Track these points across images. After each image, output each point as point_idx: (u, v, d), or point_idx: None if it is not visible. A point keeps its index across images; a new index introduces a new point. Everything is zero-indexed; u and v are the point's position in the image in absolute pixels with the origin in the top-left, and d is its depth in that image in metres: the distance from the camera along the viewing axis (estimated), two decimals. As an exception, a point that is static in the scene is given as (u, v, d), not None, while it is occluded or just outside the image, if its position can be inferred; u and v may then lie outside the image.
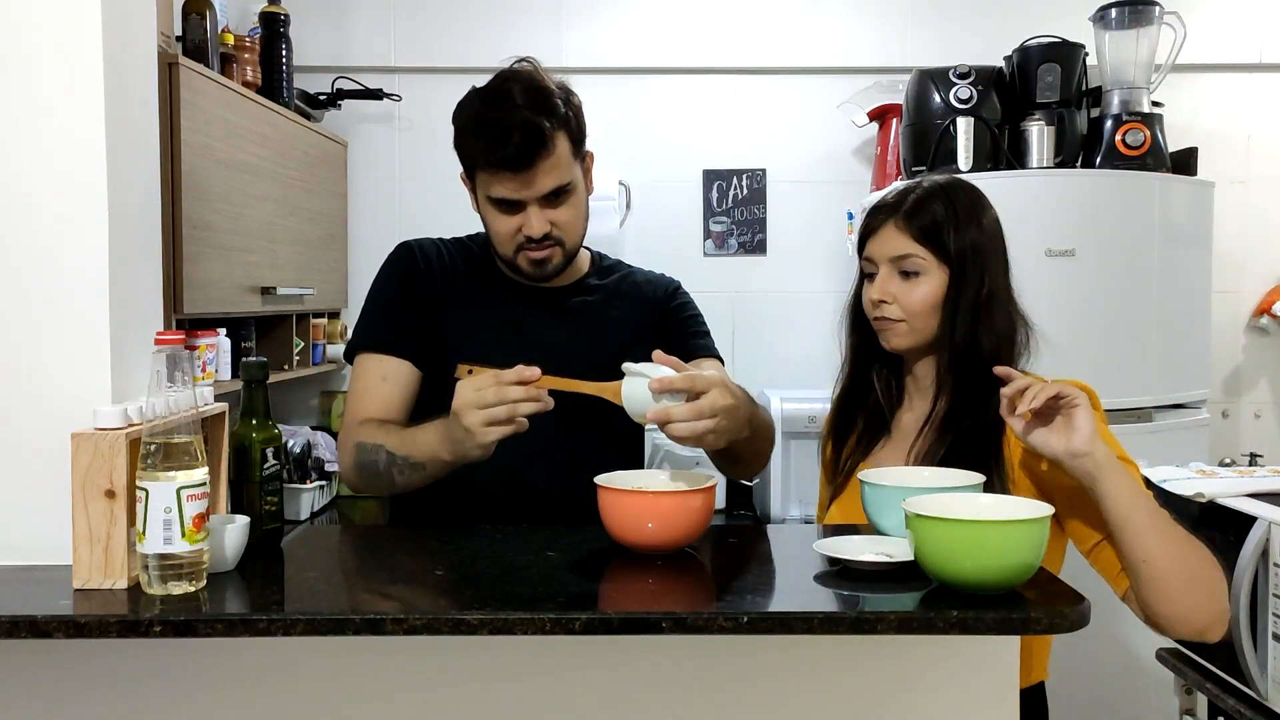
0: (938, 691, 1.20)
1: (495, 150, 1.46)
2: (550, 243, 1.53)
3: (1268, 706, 1.49)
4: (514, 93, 1.48)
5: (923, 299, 1.45)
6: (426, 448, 1.42)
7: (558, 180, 1.50)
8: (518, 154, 1.45)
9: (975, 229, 1.47)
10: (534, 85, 1.50)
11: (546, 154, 1.47)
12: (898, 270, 1.46)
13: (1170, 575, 1.24)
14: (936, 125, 2.70)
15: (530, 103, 1.47)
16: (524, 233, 1.51)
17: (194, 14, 2.25)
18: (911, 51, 3.13)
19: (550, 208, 1.51)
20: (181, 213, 2.06)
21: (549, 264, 1.56)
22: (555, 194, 1.51)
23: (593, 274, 1.69)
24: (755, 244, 3.21)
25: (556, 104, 1.50)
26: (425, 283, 1.61)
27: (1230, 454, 3.02)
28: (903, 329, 1.46)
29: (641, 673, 1.20)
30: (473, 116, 1.51)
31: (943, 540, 1.06)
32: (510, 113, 1.46)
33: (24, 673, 1.18)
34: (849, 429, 1.58)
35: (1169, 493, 1.68)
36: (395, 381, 1.56)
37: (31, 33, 1.22)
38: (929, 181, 1.51)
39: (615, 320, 1.65)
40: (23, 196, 1.22)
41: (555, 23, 3.18)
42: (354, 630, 1.03)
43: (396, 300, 1.61)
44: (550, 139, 1.47)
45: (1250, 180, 3.22)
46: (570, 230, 1.55)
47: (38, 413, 1.21)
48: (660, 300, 1.70)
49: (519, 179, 1.47)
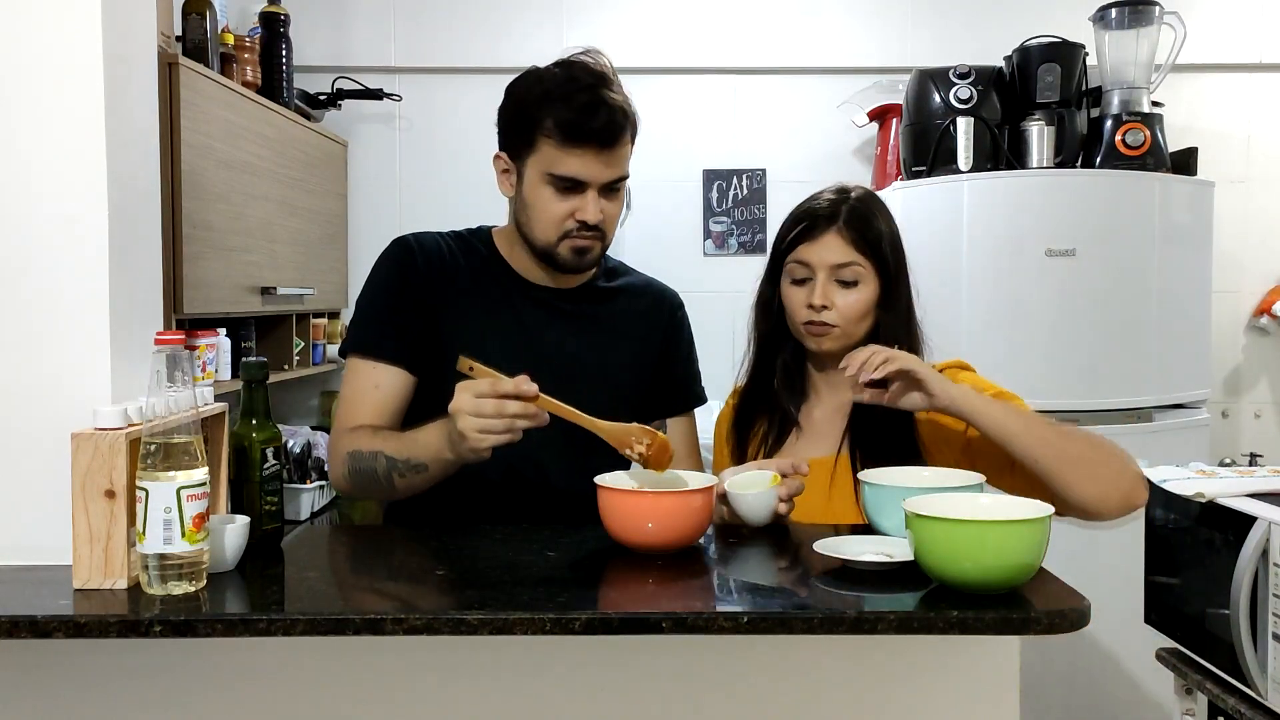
0: (938, 691, 1.20)
1: (587, 121, 1.44)
2: (597, 234, 1.51)
3: (1268, 706, 1.49)
4: (603, 74, 1.48)
5: (859, 306, 1.51)
6: (429, 448, 1.40)
7: (624, 170, 1.50)
8: (606, 129, 1.44)
9: (899, 241, 1.55)
10: (612, 73, 1.51)
11: (626, 139, 1.48)
12: (835, 278, 1.50)
13: (1063, 464, 1.35)
14: (936, 125, 2.70)
15: (617, 87, 1.49)
16: (578, 216, 1.47)
17: (194, 14, 2.25)
18: (911, 51, 3.13)
19: (605, 198, 1.50)
20: (181, 213, 2.06)
21: (589, 254, 1.52)
22: (615, 185, 1.50)
23: (600, 276, 1.66)
24: (755, 244, 3.22)
25: (628, 98, 1.51)
26: (424, 281, 1.57)
27: (1230, 454, 3.03)
28: (836, 334, 1.51)
29: (641, 673, 1.20)
30: (559, 84, 1.47)
31: (943, 540, 1.06)
32: (605, 88, 1.46)
33: (24, 673, 1.19)
34: (752, 421, 1.61)
35: (1169, 493, 1.68)
36: (387, 390, 1.52)
37: (31, 33, 1.22)
38: (855, 190, 1.57)
39: (621, 329, 1.63)
40: (23, 196, 1.22)
41: (555, 23, 3.18)
42: (354, 630, 1.03)
43: (393, 301, 1.56)
44: (632, 125, 1.49)
45: (1250, 180, 3.22)
46: (612, 227, 1.54)
47: (38, 413, 1.21)
48: (665, 316, 1.69)
49: (600, 156, 1.46)
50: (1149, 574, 1.79)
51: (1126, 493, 1.38)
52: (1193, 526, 1.65)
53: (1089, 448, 1.38)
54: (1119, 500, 1.38)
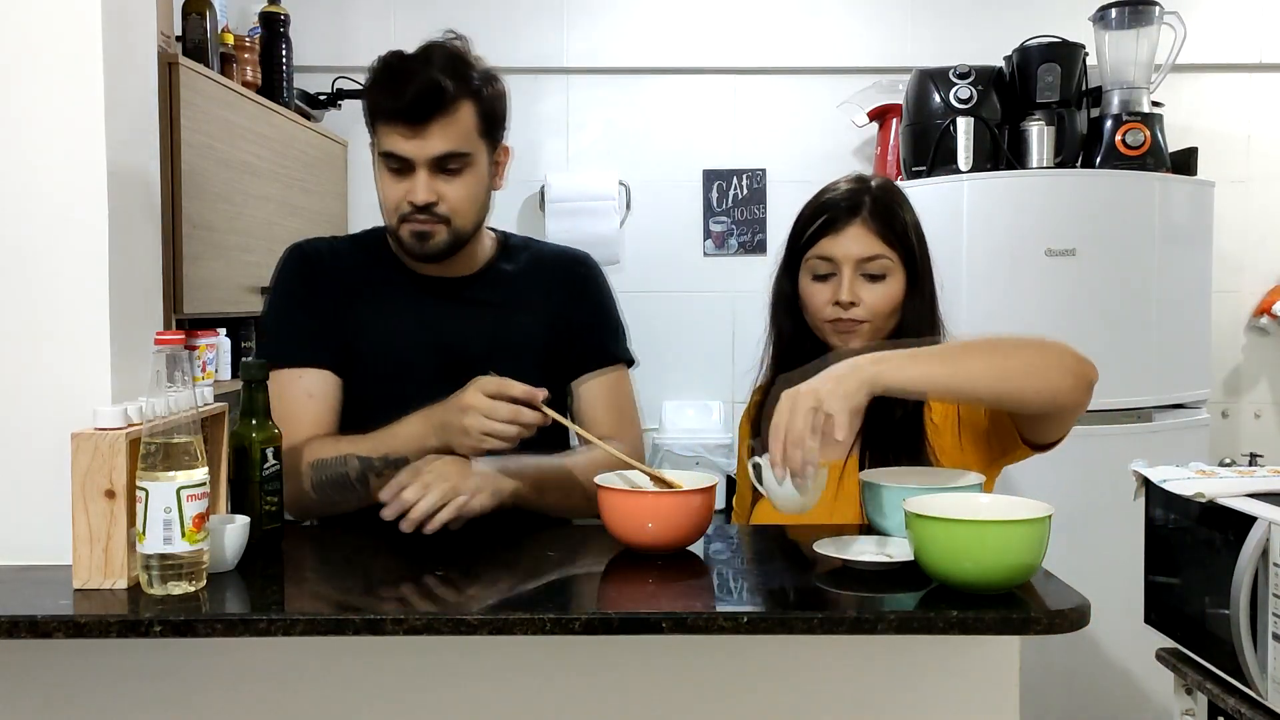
0: (938, 691, 1.20)
1: (393, 98, 1.41)
2: (435, 218, 1.46)
3: (1268, 706, 1.49)
4: (431, 53, 1.45)
5: (889, 300, 1.46)
6: (410, 440, 1.38)
7: (452, 145, 1.44)
8: (414, 104, 1.41)
9: (921, 230, 1.50)
10: (453, 53, 1.47)
11: (444, 113, 1.42)
12: (861, 271, 1.46)
13: (1002, 384, 1.28)
14: (936, 125, 2.70)
15: (442, 64, 1.44)
16: (408, 198, 1.45)
17: (194, 14, 2.25)
18: (911, 51, 3.13)
19: (441, 178, 1.45)
20: (181, 213, 2.06)
21: (430, 239, 1.47)
22: (448, 162, 1.45)
23: (499, 259, 1.61)
24: (755, 244, 3.22)
25: (470, 75, 1.46)
26: (327, 284, 1.55)
27: (1230, 454, 3.02)
28: (865, 330, 1.46)
29: (641, 673, 1.20)
30: (380, 67, 1.46)
31: (943, 540, 1.06)
32: (419, 67, 1.43)
33: (24, 673, 1.18)
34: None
35: (1169, 493, 1.67)
36: (322, 396, 1.49)
37: (31, 33, 1.22)
38: (874, 179, 1.51)
39: (523, 305, 1.58)
40: (23, 196, 1.22)
41: (557, 23, 3.18)
42: (354, 630, 1.03)
43: (303, 307, 1.53)
44: (452, 100, 1.42)
45: (1250, 180, 3.22)
46: (460, 210, 1.47)
47: (38, 413, 1.21)
48: (565, 277, 1.63)
49: (418, 131, 1.42)
50: (1149, 574, 1.79)
51: (1078, 384, 1.32)
52: (1193, 526, 1.65)
53: (1016, 351, 1.33)
54: (1071, 392, 1.32)
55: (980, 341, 1.34)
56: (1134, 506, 1.76)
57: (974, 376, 1.27)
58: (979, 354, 1.30)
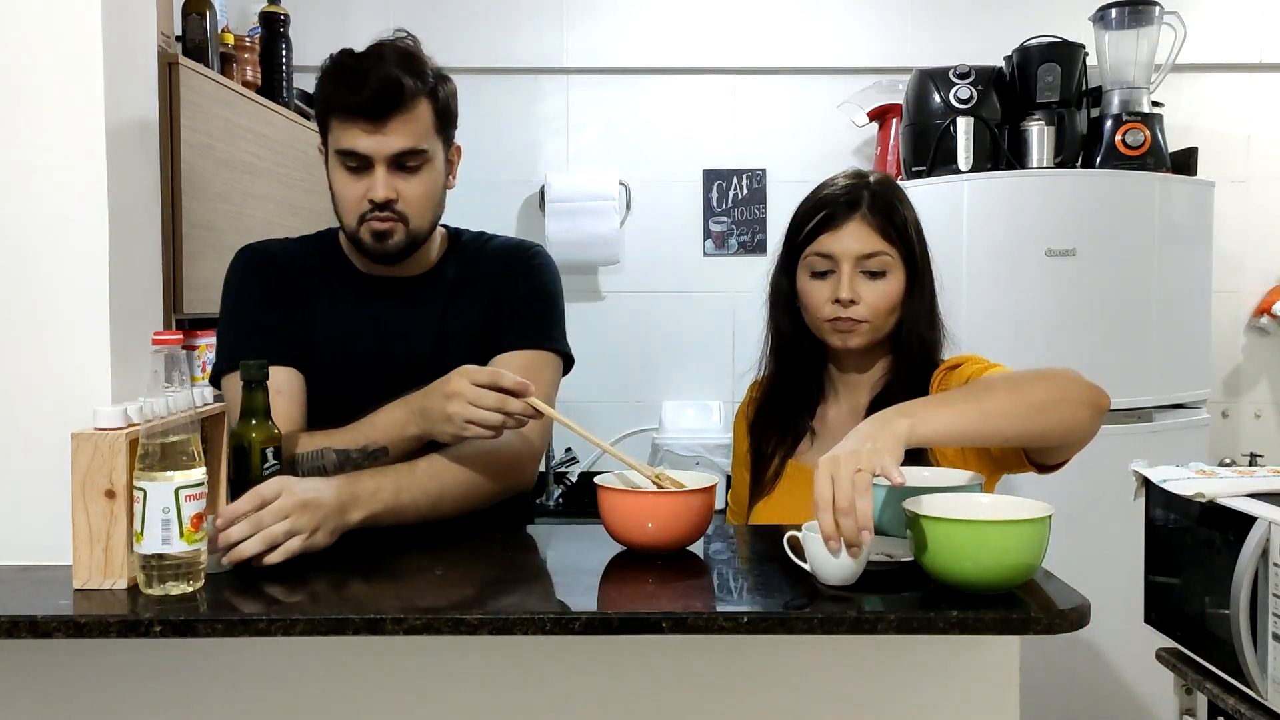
0: (938, 691, 1.20)
1: (352, 95, 1.40)
2: (394, 216, 1.45)
3: (1268, 706, 1.49)
4: (384, 50, 1.45)
5: (889, 298, 1.44)
6: (390, 428, 1.37)
7: (411, 142, 1.43)
8: (374, 101, 1.40)
9: (920, 226, 1.48)
10: (406, 50, 1.47)
11: (403, 110, 1.41)
12: (861, 269, 1.44)
13: (1027, 421, 1.25)
14: (936, 125, 2.70)
15: (397, 61, 1.43)
16: (368, 196, 1.43)
17: (194, 14, 2.25)
18: (911, 51, 3.13)
19: (399, 175, 1.44)
20: (181, 213, 2.06)
21: (391, 238, 1.46)
22: (406, 159, 1.44)
23: (449, 257, 1.60)
24: (755, 244, 3.22)
25: (425, 72, 1.46)
26: (284, 283, 1.53)
27: (1230, 454, 3.03)
28: (865, 329, 1.45)
29: (641, 673, 1.20)
30: (334, 65, 1.45)
31: (943, 540, 1.06)
32: (375, 64, 1.42)
33: (24, 673, 1.18)
34: (772, 424, 1.55)
35: (1169, 493, 1.67)
36: (289, 392, 1.46)
37: (32, 33, 1.22)
38: (873, 174, 1.49)
39: (471, 299, 1.56)
40: (23, 197, 1.22)
41: (556, 23, 3.18)
42: (354, 630, 1.03)
43: (265, 306, 1.52)
44: (411, 97, 1.42)
45: (1250, 180, 3.22)
46: (416, 208, 1.46)
47: (38, 413, 1.22)
48: (506, 266, 1.59)
49: (377, 128, 1.41)
50: (1149, 574, 1.79)
51: (1093, 405, 1.30)
52: (1193, 526, 1.65)
53: (1044, 388, 1.30)
54: (1090, 416, 1.30)
55: (996, 379, 1.33)
56: (1134, 506, 1.76)
57: (1002, 415, 1.25)
58: (1001, 393, 1.27)
